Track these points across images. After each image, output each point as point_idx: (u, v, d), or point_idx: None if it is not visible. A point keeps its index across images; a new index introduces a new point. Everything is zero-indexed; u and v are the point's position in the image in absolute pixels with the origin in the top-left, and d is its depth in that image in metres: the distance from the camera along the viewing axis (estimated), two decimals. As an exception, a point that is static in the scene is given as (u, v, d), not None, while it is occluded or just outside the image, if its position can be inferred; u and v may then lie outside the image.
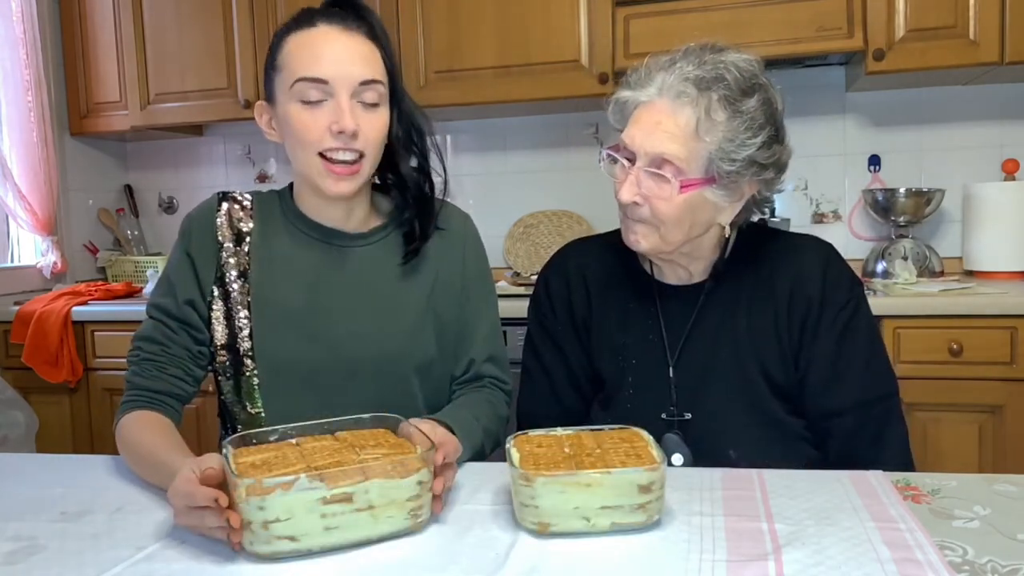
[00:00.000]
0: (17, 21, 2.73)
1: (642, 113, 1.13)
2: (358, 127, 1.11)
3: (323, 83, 1.10)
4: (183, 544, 0.85)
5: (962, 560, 0.77)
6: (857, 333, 1.19)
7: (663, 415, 1.20)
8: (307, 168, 1.14)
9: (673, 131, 1.09)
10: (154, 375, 1.16)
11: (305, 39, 1.13)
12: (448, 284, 1.25)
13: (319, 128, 1.11)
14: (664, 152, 1.09)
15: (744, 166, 1.11)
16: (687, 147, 1.09)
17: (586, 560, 0.80)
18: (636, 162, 1.12)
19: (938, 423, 2.01)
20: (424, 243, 1.23)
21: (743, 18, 2.30)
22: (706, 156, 1.10)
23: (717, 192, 1.12)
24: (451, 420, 1.08)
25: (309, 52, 1.12)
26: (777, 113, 1.14)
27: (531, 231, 2.88)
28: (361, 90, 1.12)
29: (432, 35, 2.54)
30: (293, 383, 1.18)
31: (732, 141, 1.09)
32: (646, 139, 1.10)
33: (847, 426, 1.17)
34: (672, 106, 1.10)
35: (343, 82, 1.10)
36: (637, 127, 1.12)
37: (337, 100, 1.10)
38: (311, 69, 1.10)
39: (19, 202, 2.74)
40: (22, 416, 2.41)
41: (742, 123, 1.09)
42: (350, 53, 1.12)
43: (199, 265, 1.20)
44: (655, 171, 1.10)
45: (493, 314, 1.31)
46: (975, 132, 2.55)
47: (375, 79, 1.13)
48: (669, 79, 1.11)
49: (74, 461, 1.17)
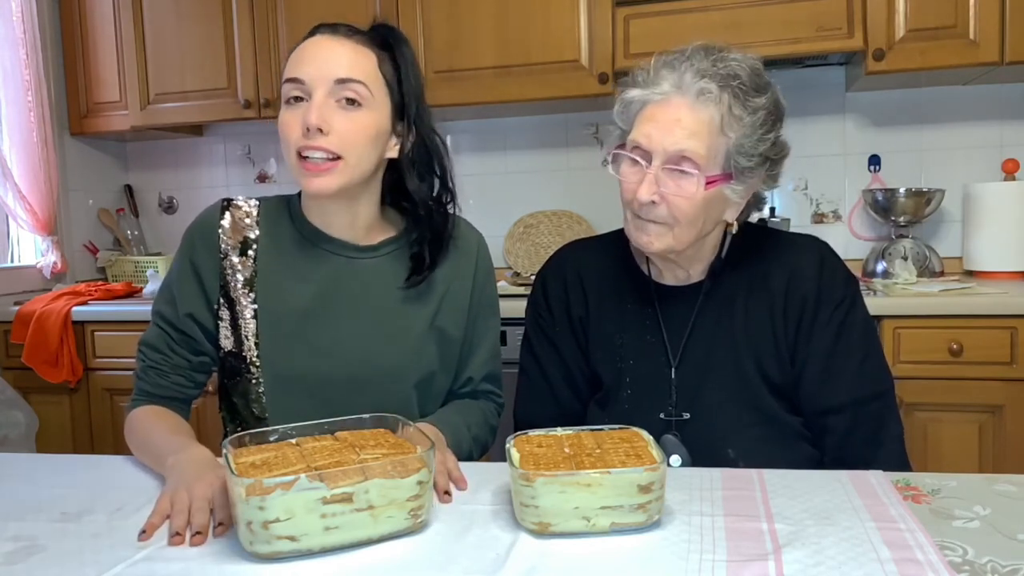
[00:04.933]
0: (17, 21, 2.73)
1: (656, 111, 1.12)
2: (327, 125, 1.10)
3: (300, 83, 1.11)
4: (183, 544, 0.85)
5: (962, 560, 0.77)
6: (852, 331, 1.19)
7: (661, 415, 1.20)
8: (291, 169, 1.15)
9: (694, 128, 1.09)
10: (158, 382, 1.21)
11: (300, 47, 1.15)
12: (456, 302, 1.26)
13: (296, 127, 1.11)
14: (685, 149, 1.09)
15: (760, 161, 1.13)
16: (708, 144, 1.09)
17: (586, 560, 0.80)
18: (653, 161, 1.12)
19: (938, 423, 2.01)
20: (431, 272, 1.23)
21: (743, 18, 2.30)
22: (725, 152, 1.11)
23: (734, 188, 1.13)
24: (442, 424, 1.14)
25: (298, 56, 1.14)
26: (782, 109, 1.16)
27: (531, 231, 2.88)
28: (338, 88, 1.11)
29: (432, 35, 2.54)
30: (297, 392, 1.19)
31: (751, 137, 1.11)
32: (665, 137, 1.10)
33: (843, 423, 1.17)
34: (693, 103, 1.10)
35: (319, 80, 1.11)
36: (652, 125, 1.12)
37: (312, 99, 1.11)
38: (295, 70, 1.13)
39: (19, 202, 2.73)
40: (22, 416, 2.41)
41: (758, 119, 1.11)
42: (333, 54, 1.12)
43: (203, 275, 1.20)
44: (676, 168, 1.10)
45: (495, 335, 1.34)
46: (975, 132, 2.55)
47: (354, 78, 1.12)
48: (686, 77, 1.11)
49: (74, 461, 1.17)
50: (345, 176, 1.13)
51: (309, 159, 1.11)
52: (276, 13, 2.66)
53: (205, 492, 0.90)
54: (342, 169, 1.12)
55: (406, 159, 1.20)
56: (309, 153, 1.11)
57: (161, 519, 0.88)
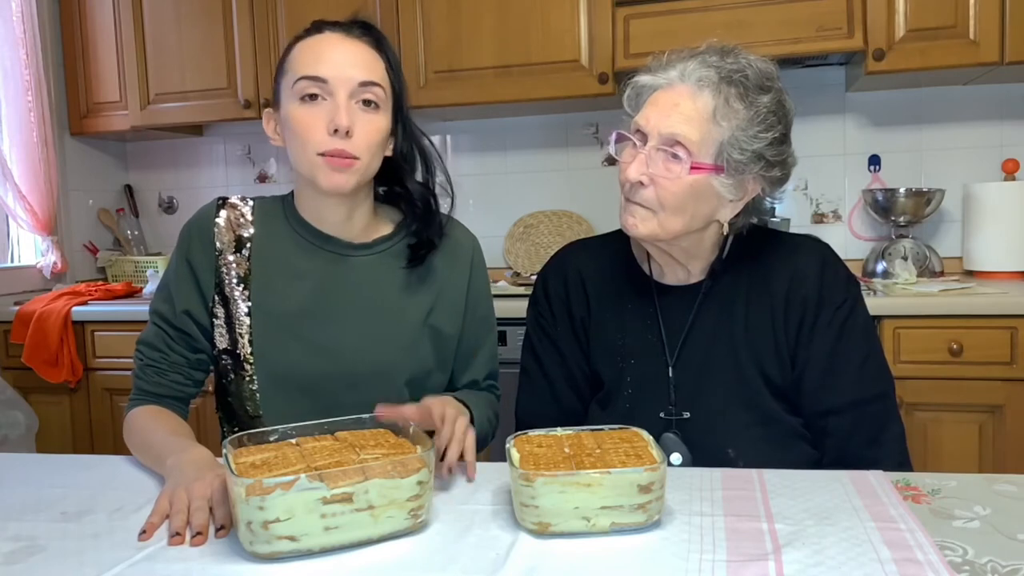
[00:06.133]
0: (17, 21, 2.73)
1: (660, 96, 1.15)
2: (353, 126, 1.12)
3: (323, 81, 1.13)
4: (183, 544, 0.85)
5: (962, 560, 0.77)
6: (853, 332, 1.19)
7: (661, 414, 1.20)
8: (306, 165, 1.15)
9: (690, 114, 1.11)
10: (156, 380, 1.21)
11: (311, 43, 1.16)
12: (451, 302, 1.27)
13: (318, 127, 1.12)
14: (678, 133, 1.11)
15: (753, 158, 1.12)
16: (701, 130, 1.11)
17: (586, 560, 0.80)
18: (648, 142, 1.13)
19: (938, 423, 2.01)
20: (429, 251, 1.24)
21: (743, 18, 2.30)
22: (718, 143, 1.11)
23: (724, 182, 1.13)
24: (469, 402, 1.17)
25: (312, 53, 1.15)
26: (788, 115, 1.16)
27: (531, 231, 2.89)
28: (360, 91, 1.14)
29: (432, 35, 2.54)
30: (290, 389, 1.20)
31: (745, 131, 1.11)
32: (662, 120, 1.12)
33: (843, 425, 1.17)
34: (692, 90, 1.12)
35: (342, 82, 1.13)
36: (653, 108, 1.14)
37: (335, 99, 1.12)
38: (312, 68, 1.13)
39: (19, 202, 2.74)
40: (22, 416, 2.41)
41: (756, 115, 1.12)
42: (352, 56, 1.15)
43: (199, 273, 1.21)
44: (667, 149, 1.11)
45: (493, 337, 1.36)
46: (975, 132, 2.55)
47: (375, 81, 1.15)
48: (691, 65, 1.14)
49: (74, 461, 1.17)
50: (358, 176, 1.15)
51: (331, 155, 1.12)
52: (276, 13, 2.66)
53: (204, 492, 0.90)
54: (357, 169, 1.14)
55: (400, 155, 1.22)
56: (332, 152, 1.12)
57: (160, 519, 0.88)
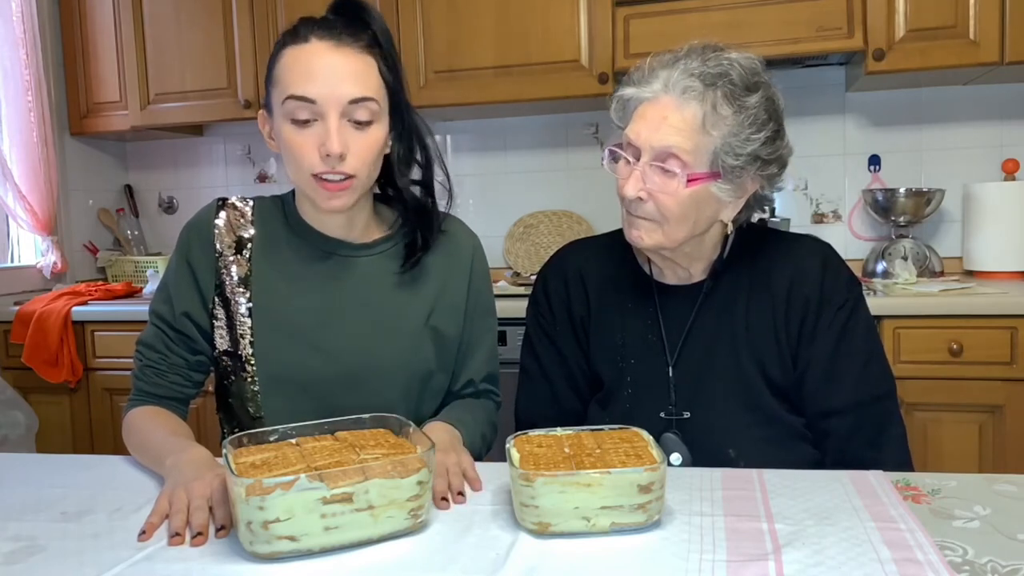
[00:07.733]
0: (17, 21, 2.73)
1: (647, 109, 1.13)
2: (346, 148, 1.09)
3: (311, 103, 1.08)
4: (183, 544, 0.85)
5: (962, 560, 0.77)
6: (855, 333, 1.19)
7: (662, 414, 1.20)
8: (302, 184, 1.14)
9: (679, 126, 1.10)
10: (156, 382, 1.21)
11: (297, 55, 1.10)
12: (451, 301, 1.26)
13: (310, 151, 1.09)
14: (670, 146, 1.10)
15: (748, 161, 1.12)
16: (693, 141, 1.10)
17: (586, 560, 0.80)
18: (641, 157, 1.12)
19: (938, 423, 2.01)
20: (425, 253, 1.23)
21: (743, 18, 2.30)
22: (711, 151, 1.10)
23: (722, 187, 1.13)
24: (457, 424, 1.16)
25: (299, 69, 1.10)
26: (779, 110, 1.15)
27: (531, 231, 2.88)
28: (351, 109, 1.09)
29: (432, 35, 2.54)
30: (291, 390, 1.19)
31: (737, 136, 1.10)
32: (652, 134, 1.11)
33: (845, 426, 1.17)
34: (678, 101, 1.10)
35: (331, 101, 1.08)
36: (642, 123, 1.13)
37: (326, 122, 1.09)
38: (300, 87, 1.09)
39: (19, 202, 2.74)
40: (22, 416, 2.41)
41: (747, 118, 1.10)
42: (340, 71, 1.09)
43: (199, 274, 1.21)
44: (661, 165, 1.11)
45: (493, 336, 1.34)
46: (975, 132, 2.55)
47: (366, 96, 1.10)
48: (674, 75, 1.12)
49: (74, 461, 1.16)
50: (357, 192, 1.14)
51: (327, 180, 1.11)
52: (276, 13, 2.66)
53: (203, 491, 0.90)
54: (355, 187, 1.13)
55: (396, 156, 1.19)
56: (328, 176, 1.11)
57: (160, 519, 0.88)
